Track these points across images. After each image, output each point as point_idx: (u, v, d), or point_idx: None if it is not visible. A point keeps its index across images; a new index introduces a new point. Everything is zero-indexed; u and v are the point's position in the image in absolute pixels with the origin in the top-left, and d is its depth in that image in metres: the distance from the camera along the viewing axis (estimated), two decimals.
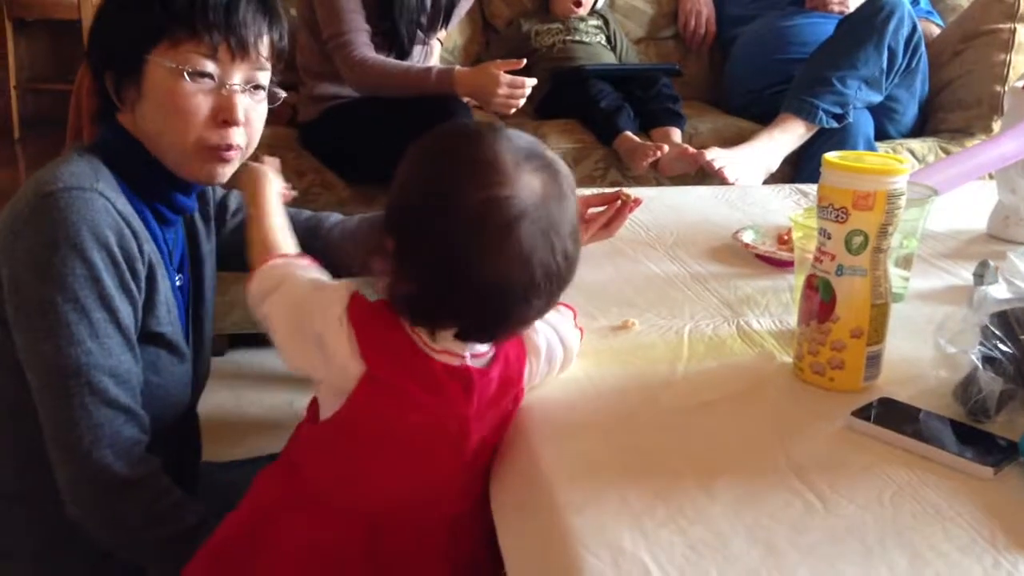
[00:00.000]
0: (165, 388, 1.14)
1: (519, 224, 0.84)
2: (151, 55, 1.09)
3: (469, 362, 0.91)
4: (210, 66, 1.10)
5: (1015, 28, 2.59)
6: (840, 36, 2.48)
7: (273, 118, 2.49)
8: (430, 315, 0.89)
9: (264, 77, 1.16)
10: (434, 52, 2.50)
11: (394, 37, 2.31)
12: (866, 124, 2.48)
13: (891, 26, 2.40)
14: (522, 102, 2.19)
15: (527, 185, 0.85)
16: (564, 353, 1.02)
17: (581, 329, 1.07)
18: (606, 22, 2.89)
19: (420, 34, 2.35)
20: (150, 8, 1.09)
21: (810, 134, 2.45)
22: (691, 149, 2.39)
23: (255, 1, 1.13)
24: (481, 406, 0.92)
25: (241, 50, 1.11)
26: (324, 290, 0.94)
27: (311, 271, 1.01)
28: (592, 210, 1.41)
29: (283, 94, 1.20)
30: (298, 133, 2.44)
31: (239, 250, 1.33)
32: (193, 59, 1.09)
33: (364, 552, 0.95)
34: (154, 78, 1.10)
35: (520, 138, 0.89)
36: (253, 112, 1.15)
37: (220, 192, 1.34)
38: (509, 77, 2.14)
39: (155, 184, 1.15)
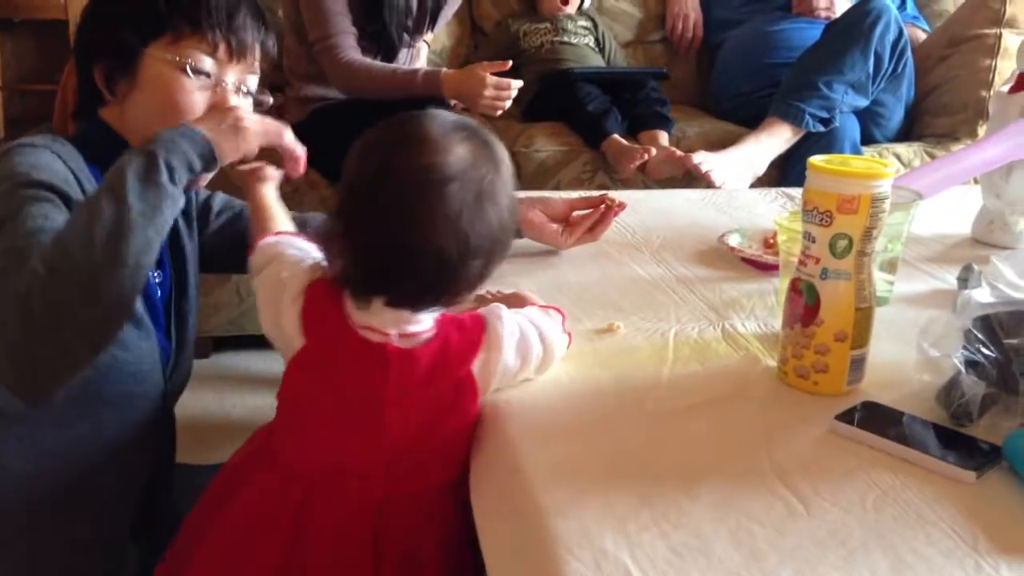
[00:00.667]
0: (135, 364, 1.14)
1: (449, 186, 0.88)
2: (150, 48, 1.13)
3: (394, 341, 0.93)
4: (209, 63, 1.14)
5: (1001, 33, 2.61)
6: (827, 41, 2.49)
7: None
8: (368, 286, 0.92)
9: (254, 81, 1.20)
10: (421, 54, 2.50)
11: (381, 40, 2.30)
12: (852, 128, 2.49)
13: (877, 31, 2.41)
14: (508, 103, 2.19)
15: (456, 152, 0.90)
16: (544, 351, 1.00)
17: (570, 335, 1.07)
18: (595, 24, 2.89)
19: (406, 36, 2.35)
20: (155, 2, 1.12)
21: (797, 138, 2.46)
22: (678, 152, 2.39)
23: (252, 8, 1.18)
24: (403, 388, 0.93)
25: (239, 51, 1.16)
26: (294, 272, 0.98)
27: (302, 249, 1.03)
28: (576, 213, 1.41)
29: (269, 100, 1.22)
30: None
31: (222, 251, 1.33)
32: (194, 55, 1.13)
33: (295, 514, 0.97)
34: (152, 70, 1.13)
35: (451, 116, 0.94)
36: None
37: (204, 193, 1.34)
38: (495, 79, 2.14)
39: None
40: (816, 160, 0.98)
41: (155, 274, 1.21)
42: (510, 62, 2.19)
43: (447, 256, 0.89)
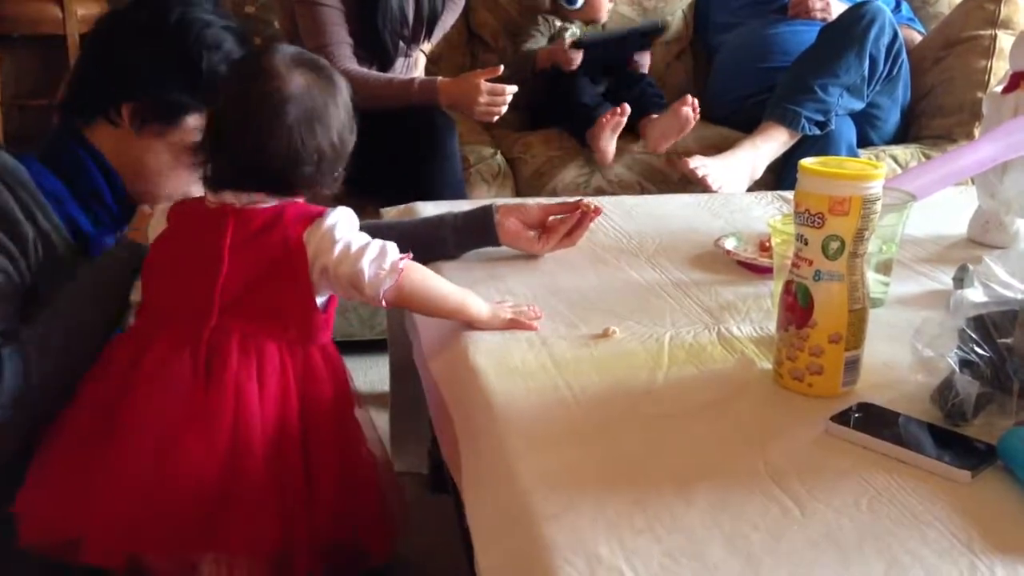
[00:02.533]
0: None
1: (284, 107, 1.10)
2: (195, 114, 1.26)
3: (235, 203, 1.12)
4: None
5: (996, 34, 2.60)
6: (821, 44, 2.49)
7: None
8: (223, 180, 1.13)
9: None
10: (418, 64, 2.50)
11: (376, 49, 2.31)
12: (848, 131, 2.49)
13: (872, 34, 2.41)
14: (504, 109, 2.20)
15: (294, 81, 1.11)
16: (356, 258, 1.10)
17: (400, 272, 1.12)
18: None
19: (402, 46, 2.35)
20: (215, 76, 1.24)
21: (793, 141, 2.45)
22: (684, 105, 2.36)
23: None
24: (238, 240, 1.10)
25: None
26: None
27: None
28: (553, 218, 1.43)
29: None
30: None
31: None
32: None
33: (130, 358, 1.11)
34: (189, 131, 1.26)
35: (300, 54, 1.16)
36: None
37: None
38: (490, 85, 2.14)
39: (102, 194, 1.26)
40: (807, 162, 0.98)
41: None
42: (501, 67, 2.20)
43: (278, 161, 1.10)
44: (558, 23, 2.76)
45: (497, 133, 2.60)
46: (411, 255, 1.15)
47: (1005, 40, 2.58)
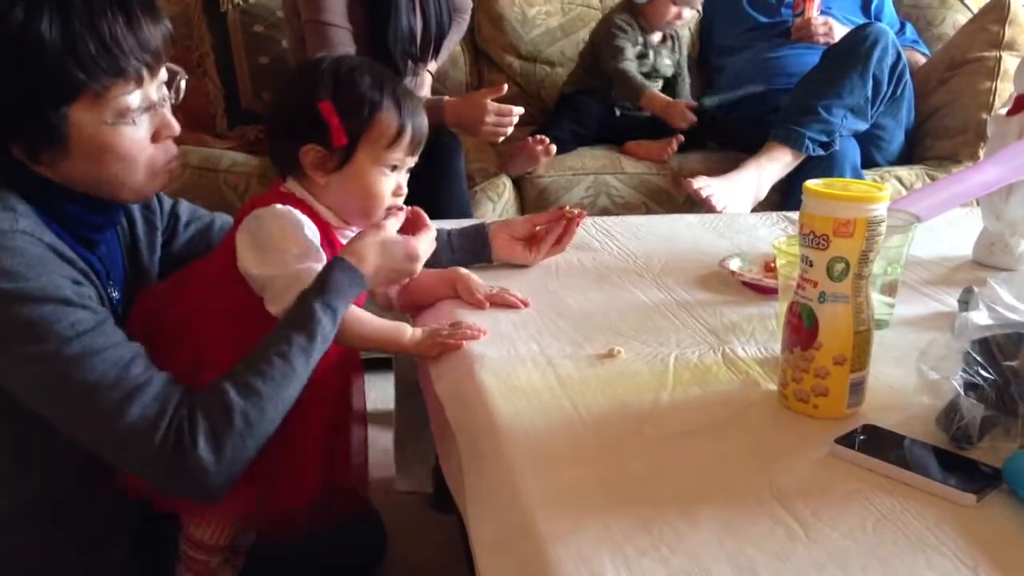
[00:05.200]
0: None
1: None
2: (73, 112, 1.04)
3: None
4: (137, 98, 1.07)
5: (1000, 56, 2.62)
6: (825, 65, 2.50)
7: (263, 148, 2.49)
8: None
9: (164, 72, 1.13)
10: (425, 84, 2.52)
11: (385, 67, 2.32)
12: (853, 152, 2.50)
13: (875, 55, 2.42)
14: (510, 130, 2.21)
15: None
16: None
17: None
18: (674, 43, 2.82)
19: (410, 64, 2.36)
20: (62, 68, 1.02)
21: (797, 162, 2.46)
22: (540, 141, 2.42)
23: (147, 7, 1.09)
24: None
25: (156, 63, 1.09)
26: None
27: None
28: (541, 228, 1.49)
29: (183, 78, 1.17)
30: None
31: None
32: (122, 103, 1.06)
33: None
34: (84, 135, 1.05)
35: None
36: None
37: (168, 201, 1.33)
38: (496, 106, 2.15)
39: (75, 217, 1.12)
40: (812, 184, 0.98)
41: (111, 288, 1.18)
42: (505, 87, 2.21)
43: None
44: (640, 36, 2.71)
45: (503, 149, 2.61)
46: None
47: (1010, 62, 2.59)
